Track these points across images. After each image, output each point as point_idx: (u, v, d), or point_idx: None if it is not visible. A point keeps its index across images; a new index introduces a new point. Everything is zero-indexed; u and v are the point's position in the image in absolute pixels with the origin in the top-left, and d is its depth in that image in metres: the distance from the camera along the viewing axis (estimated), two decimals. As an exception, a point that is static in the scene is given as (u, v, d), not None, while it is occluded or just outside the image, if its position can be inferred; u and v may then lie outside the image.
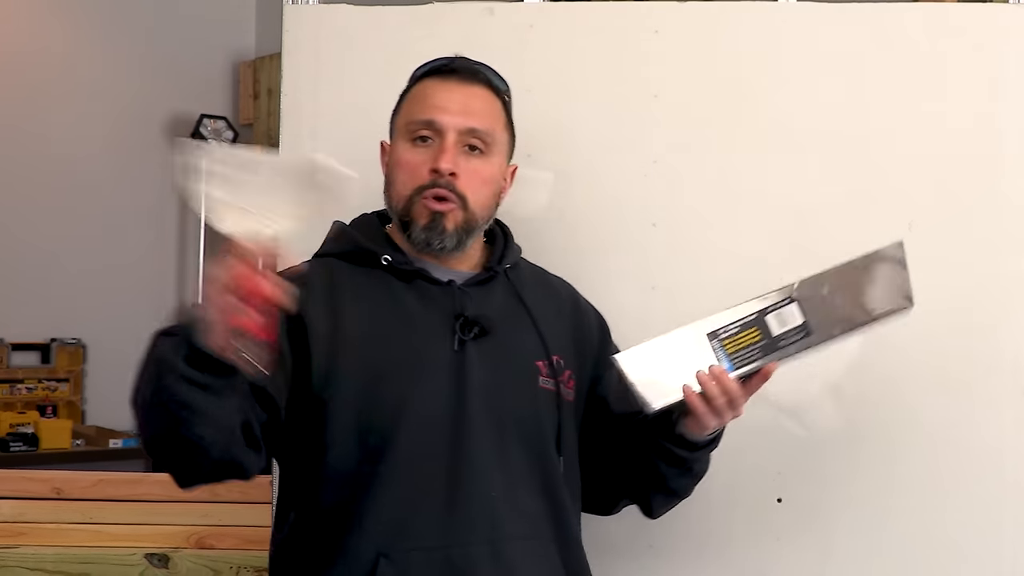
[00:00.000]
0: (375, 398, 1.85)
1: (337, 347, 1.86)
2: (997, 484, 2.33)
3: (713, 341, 1.80)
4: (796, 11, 2.46)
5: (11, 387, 5.67)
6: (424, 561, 1.82)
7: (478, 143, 1.95)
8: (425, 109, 1.96)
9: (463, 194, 1.92)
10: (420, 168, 1.93)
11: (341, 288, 1.93)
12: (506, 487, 1.86)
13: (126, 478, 2.91)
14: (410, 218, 1.93)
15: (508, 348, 1.93)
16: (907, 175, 2.39)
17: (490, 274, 1.99)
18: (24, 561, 2.67)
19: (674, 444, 1.89)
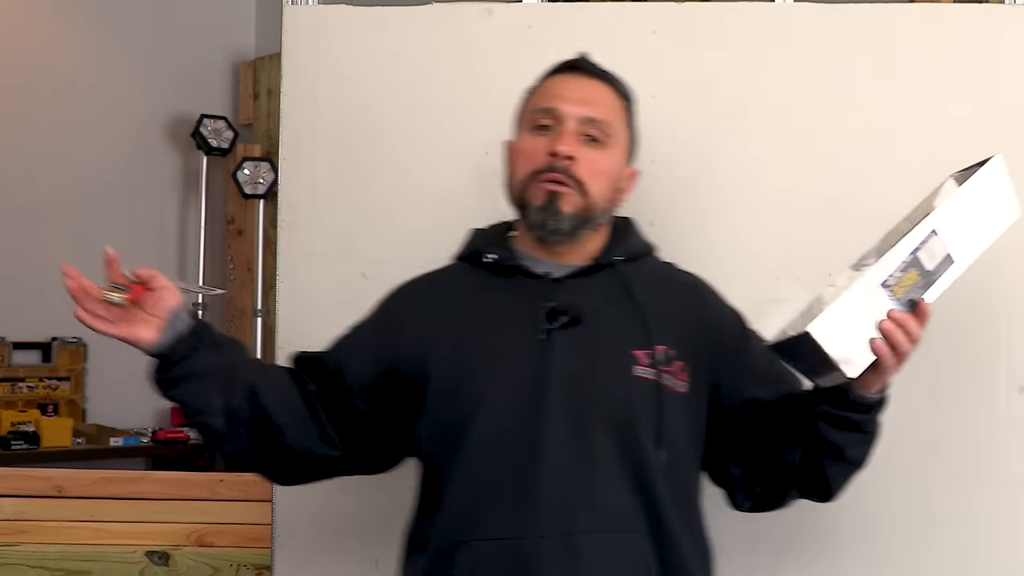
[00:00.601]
0: (456, 390, 1.90)
1: (429, 347, 1.94)
2: (992, 481, 2.34)
3: (885, 290, 1.76)
4: (793, 11, 2.46)
5: (12, 386, 5.66)
6: (496, 551, 1.83)
7: (596, 133, 1.93)
8: (546, 98, 1.97)
9: (581, 179, 1.91)
10: (538, 153, 1.93)
11: (440, 294, 2.00)
12: (586, 479, 1.84)
13: (127, 476, 2.91)
14: (526, 201, 1.93)
15: (601, 337, 1.90)
16: (904, 174, 2.39)
17: (594, 266, 1.96)
18: (26, 559, 2.68)
19: (847, 408, 1.82)
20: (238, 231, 6.28)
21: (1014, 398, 2.34)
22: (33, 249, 5.76)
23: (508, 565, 1.82)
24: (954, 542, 2.33)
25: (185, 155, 6.27)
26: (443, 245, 2.45)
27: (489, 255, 1.98)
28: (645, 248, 2.05)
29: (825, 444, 1.86)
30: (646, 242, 2.06)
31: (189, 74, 6.31)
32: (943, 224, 1.81)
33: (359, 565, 2.46)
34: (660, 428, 1.87)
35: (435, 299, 2.00)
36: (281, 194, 2.50)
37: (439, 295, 2.01)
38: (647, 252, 2.05)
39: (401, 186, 2.48)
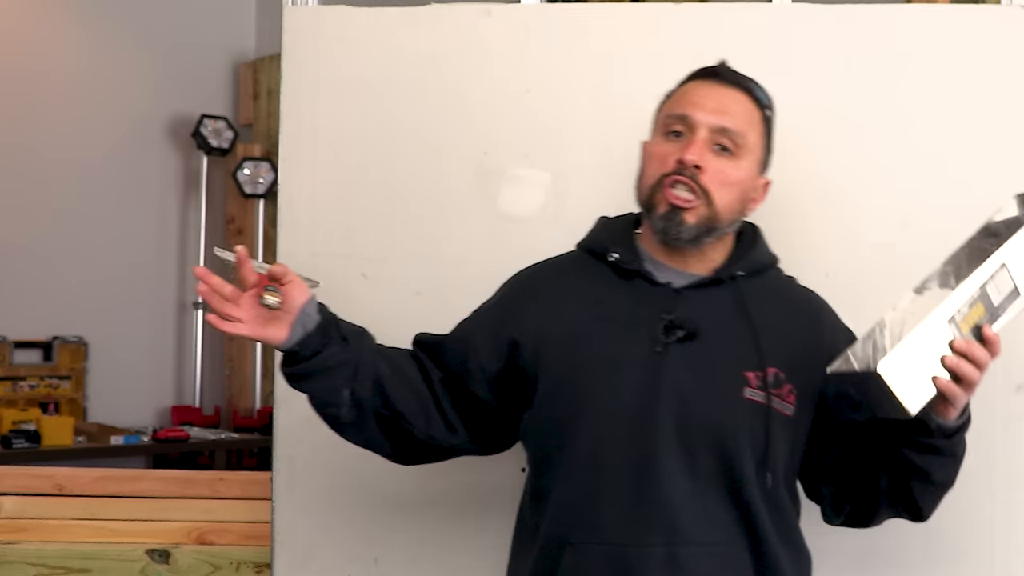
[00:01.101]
0: (568, 389, 1.91)
1: (546, 341, 1.95)
2: (987, 478, 2.34)
3: (951, 325, 1.75)
4: (790, 12, 2.46)
5: (13, 384, 5.66)
6: (602, 555, 1.85)
7: (728, 143, 1.92)
8: (680, 105, 1.96)
9: (707, 189, 1.90)
10: (667, 158, 1.92)
11: (563, 287, 2.00)
12: (692, 492, 1.85)
13: (127, 474, 2.91)
14: (652, 205, 1.93)
15: (715, 355, 1.89)
16: (900, 174, 2.39)
17: (715, 279, 1.96)
18: (26, 557, 2.68)
19: (930, 436, 1.82)
20: (238, 230, 6.28)
21: (1011, 397, 2.34)
22: (34, 248, 5.76)
23: (613, 571, 1.84)
24: (949, 540, 2.33)
25: (185, 155, 6.28)
26: (442, 245, 2.46)
27: (612, 254, 1.97)
28: (768, 261, 2.04)
29: (912, 468, 1.88)
30: (770, 254, 2.05)
31: (189, 74, 6.31)
32: (1012, 257, 1.79)
33: (359, 563, 2.46)
34: (767, 453, 1.88)
35: (555, 292, 2.00)
36: (281, 194, 2.50)
37: (559, 288, 2.00)
38: (770, 266, 2.04)
39: (401, 186, 2.48)
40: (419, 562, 2.44)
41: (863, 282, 2.31)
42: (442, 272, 2.45)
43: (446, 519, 2.43)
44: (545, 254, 2.25)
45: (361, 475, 2.44)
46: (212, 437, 5.66)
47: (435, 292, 2.45)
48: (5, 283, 5.67)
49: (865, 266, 2.37)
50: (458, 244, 2.46)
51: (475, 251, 2.45)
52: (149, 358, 6.15)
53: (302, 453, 2.47)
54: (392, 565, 2.46)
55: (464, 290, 2.43)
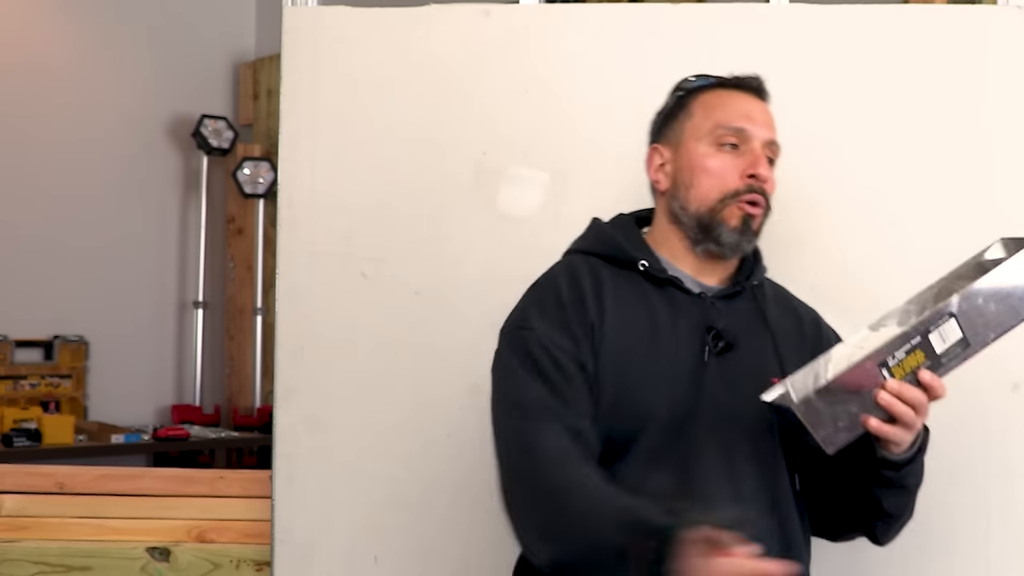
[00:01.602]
0: (624, 404, 1.87)
1: (597, 349, 1.88)
2: (983, 475, 2.34)
3: (883, 370, 1.73)
4: (788, 12, 2.46)
5: (14, 383, 5.66)
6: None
7: (773, 156, 1.98)
8: (734, 117, 1.96)
9: (768, 199, 1.95)
10: (730, 173, 1.93)
11: (605, 289, 1.94)
12: (732, 498, 1.85)
13: (128, 473, 2.91)
14: (718, 220, 1.93)
15: (748, 364, 1.91)
16: (897, 173, 2.40)
17: (737, 289, 1.98)
18: (28, 555, 2.67)
19: (878, 466, 1.84)
20: (238, 230, 6.28)
21: (1006, 395, 2.34)
22: (35, 248, 5.76)
23: None
24: (946, 537, 2.33)
25: (186, 155, 6.28)
26: (442, 244, 2.46)
27: (642, 262, 1.95)
28: (765, 270, 2.07)
29: (864, 498, 1.91)
30: (764, 264, 2.07)
31: (190, 75, 6.31)
32: (964, 308, 1.76)
33: (358, 561, 2.46)
34: (791, 454, 1.92)
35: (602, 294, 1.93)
36: (281, 193, 2.50)
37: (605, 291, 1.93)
38: (765, 274, 2.06)
39: (400, 186, 2.48)
40: (418, 560, 2.44)
41: (852, 283, 2.32)
42: (441, 271, 2.45)
43: (445, 517, 2.43)
44: (544, 253, 2.24)
45: (361, 473, 2.44)
46: (212, 436, 5.66)
47: (434, 291, 2.45)
48: (6, 282, 5.67)
49: (859, 265, 2.37)
50: (457, 243, 2.46)
51: (474, 250, 2.45)
52: (149, 357, 6.15)
53: (302, 452, 2.47)
54: (391, 563, 2.46)
55: (463, 289, 2.44)
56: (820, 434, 1.72)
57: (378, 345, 2.46)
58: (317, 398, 2.47)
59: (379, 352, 2.47)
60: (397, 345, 2.46)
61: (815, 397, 1.72)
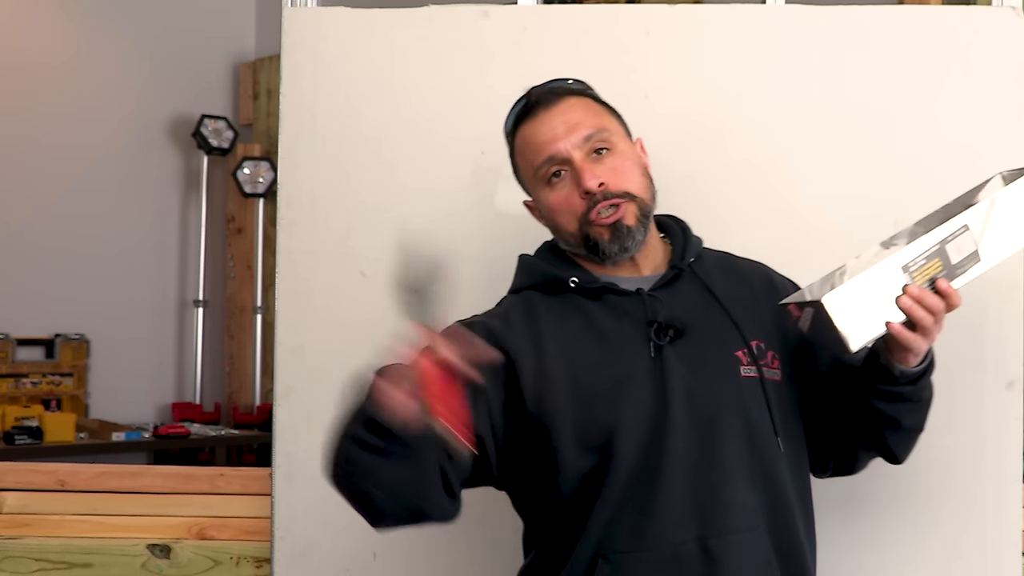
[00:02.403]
0: (588, 420, 1.87)
1: (544, 375, 1.89)
2: (978, 476, 2.34)
3: (905, 274, 1.77)
4: (784, 13, 2.46)
5: (16, 381, 5.66)
6: (636, 562, 1.84)
7: (599, 144, 1.93)
8: (538, 151, 1.95)
9: (623, 191, 1.91)
10: (571, 200, 1.92)
11: (539, 317, 1.95)
12: (718, 483, 1.84)
13: (128, 470, 2.90)
14: (593, 242, 1.92)
15: (705, 345, 1.90)
16: (893, 173, 2.40)
17: (675, 272, 1.96)
18: (29, 551, 2.67)
19: (894, 383, 1.86)
20: (238, 229, 6.28)
21: (1001, 394, 2.34)
22: (36, 247, 5.76)
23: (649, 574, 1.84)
24: (939, 537, 2.33)
25: (186, 154, 6.28)
26: (439, 244, 2.46)
27: (572, 279, 1.95)
28: (701, 243, 2.05)
29: (882, 417, 1.90)
30: (698, 238, 2.05)
31: (190, 75, 6.32)
32: (976, 221, 1.81)
33: (357, 558, 2.46)
34: (773, 420, 1.90)
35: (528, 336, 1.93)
36: (280, 193, 2.50)
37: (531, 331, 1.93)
38: (701, 246, 2.05)
39: (399, 185, 2.47)
40: (417, 557, 2.44)
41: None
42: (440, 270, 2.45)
43: (444, 514, 2.43)
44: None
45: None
46: (212, 433, 5.66)
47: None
48: (8, 281, 5.68)
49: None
50: (456, 242, 2.45)
51: (473, 249, 2.44)
52: (150, 355, 6.15)
53: (301, 449, 2.47)
54: (390, 560, 2.46)
55: (462, 288, 2.43)
56: (845, 329, 1.75)
57: (377, 343, 2.46)
58: (317, 396, 2.46)
59: (378, 349, 2.46)
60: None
61: (845, 290, 1.75)
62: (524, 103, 1.99)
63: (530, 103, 1.98)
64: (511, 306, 1.99)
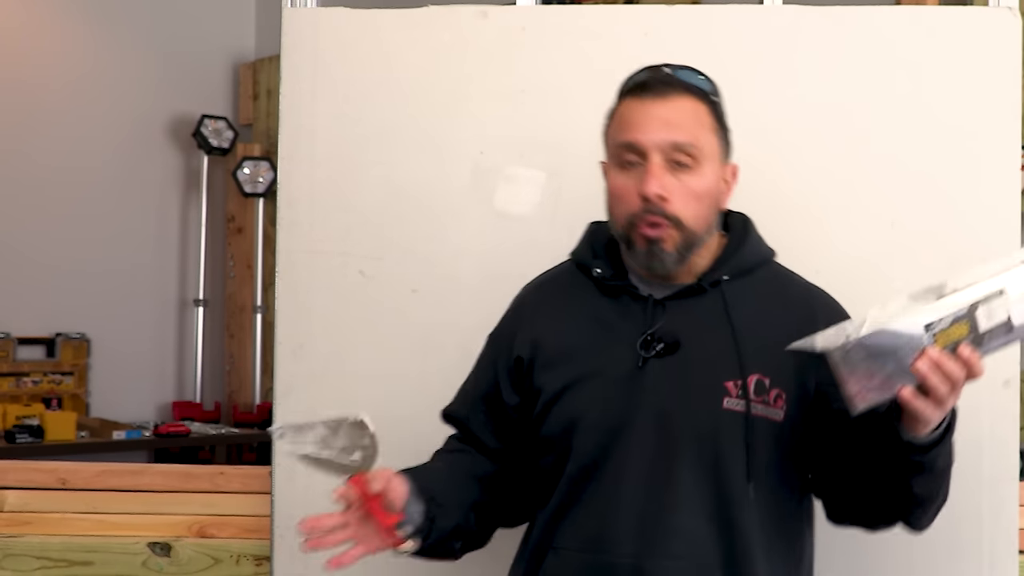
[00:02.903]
0: (558, 409, 1.89)
1: (538, 364, 1.93)
2: (975, 475, 2.34)
3: (927, 335, 1.61)
4: (781, 14, 2.46)
5: (17, 380, 5.65)
6: (578, 561, 1.85)
7: (684, 158, 1.83)
8: (625, 130, 1.86)
9: (675, 216, 1.82)
10: (629, 194, 1.84)
11: (551, 304, 1.98)
12: (664, 507, 1.81)
13: (129, 469, 2.90)
14: (631, 243, 1.87)
15: (695, 366, 1.84)
16: (890, 173, 2.39)
17: (692, 287, 1.89)
18: (30, 549, 2.67)
19: (904, 451, 1.71)
20: (238, 229, 6.27)
21: (998, 392, 2.34)
22: (38, 247, 5.76)
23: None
24: (937, 536, 2.33)
25: (186, 154, 6.27)
26: (439, 243, 2.46)
27: (596, 270, 1.94)
28: (759, 258, 1.96)
29: (897, 484, 1.77)
30: (762, 250, 1.97)
31: (190, 75, 6.31)
32: (1015, 286, 1.65)
33: (357, 556, 2.46)
34: (749, 462, 1.82)
35: (544, 308, 1.99)
36: (280, 193, 2.50)
37: (548, 304, 1.99)
38: (761, 262, 1.96)
39: (398, 185, 2.47)
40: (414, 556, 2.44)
41: (852, 280, 2.31)
42: (439, 270, 2.45)
43: (443, 512, 2.43)
44: (541, 252, 2.24)
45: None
46: (212, 432, 5.65)
47: (431, 289, 2.45)
48: (9, 281, 5.67)
49: (854, 264, 2.36)
50: (455, 242, 2.45)
51: (471, 249, 2.45)
52: (150, 354, 6.15)
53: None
54: (389, 556, 2.45)
55: (460, 287, 2.44)
56: (852, 388, 1.64)
57: (376, 342, 2.46)
58: (316, 395, 2.46)
59: (377, 349, 2.46)
60: (394, 341, 2.46)
61: (854, 346, 1.62)
62: (643, 79, 1.90)
63: (647, 83, 1.89)
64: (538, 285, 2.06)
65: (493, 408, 2.00)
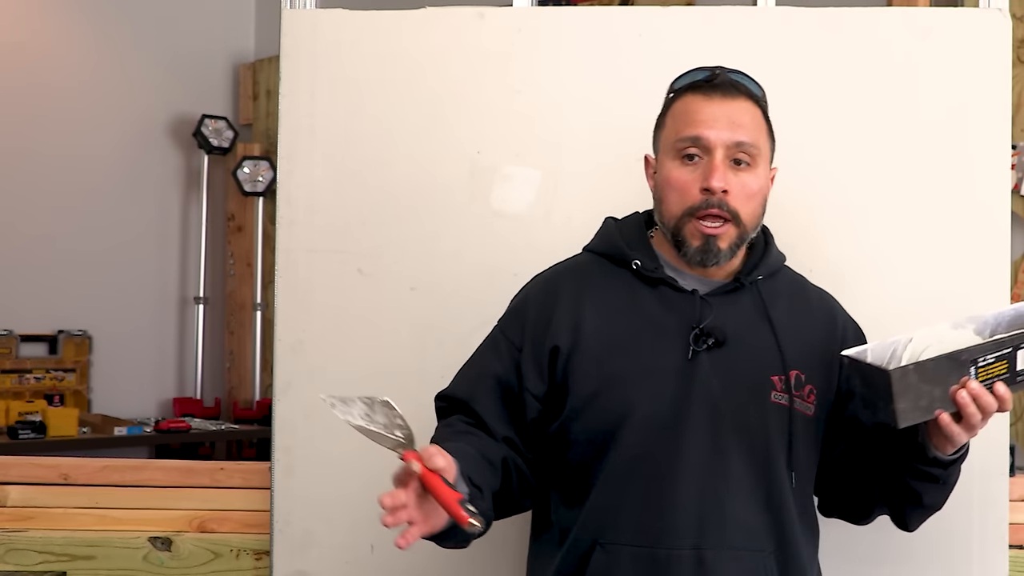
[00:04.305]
0: (605, 402, 1.87)
1: (576, 352, 1.90)
2: (966, 470, 2.33)
3: (971, 368, 1.74)
4: (775, 15, 2.46)
5: (20, 377, 5.65)
6: (631, 556, 1.84)
7: (744, 156, 1.88)
8: (691, 125, 1.89)
9: (735, 211, 1.87)
10: (690, 187, 1.88)
11: (588, 292, 1.95)
12: (722, 497, 1.84)
13: (130, 464, 2.90)
14: (682, 237, 1.89)
15: (742, 361, 1.88)
16: (882, 172, 2.39)
17: (734, 285, 1.94)
18: (33, 544, 2.67)
19: (926, 464, 1.84)
20: (238, 227, 6.27)
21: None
22: (40, 245, 5.75)
23: (640, 570, 1.83)
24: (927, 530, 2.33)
25: (187, 154, 6.26)
26: (436, 241, 2.46)
27: (635, 261, 1.94)
28: (780, 262, 2.02)
29: (906, 490, 1.90)
30: (780, 255, 2.03)
31: (191, 76, 6.30)
32: None
33: (355, 550, 2.46)
34: (791, 453, 1.88)
35: (579, 296, 1.95)
36: (280, 192, 2.50)
37: (583, 293, 1.95)
38: (781, 266, 2.02)
39: (396, 184, 2.47)
40: (414, 550, 2.43)
41: (844, 279, 2.31)
42: (436, 267, 2.45)
43: (440, 507, 2.42)
44: (536, 249, 2.24)
45: (356, 465, 2.43)
46: (213, 428, 5.65)
47: (429, 287, 2.45)
48: (12, 278, 5.66)
49: (847, 263, 2.36)
50: (452, 240, 2.45)
51: (468, 247, 2.45)
52: (152, 351, 6.14)
53: (300, 444, 2.47)
54: (387, 552, 2.45)
55: (457, 285, 2.44)
56: (900, 405, 1.72)
57: (375, 339, 2.46)
58: (315, 391, 2.45)
59: (375, 346, 2.46)
60: (393, 339, 2.45)
61: (913, 369, 1.72)
62: (707, 77, 1.93)
63: (713, 83, 1.92)
64: (562, 277, 1.99)
65: (507, 395, 1.95)
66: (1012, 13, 2.43)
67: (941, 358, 1.73)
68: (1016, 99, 3.84)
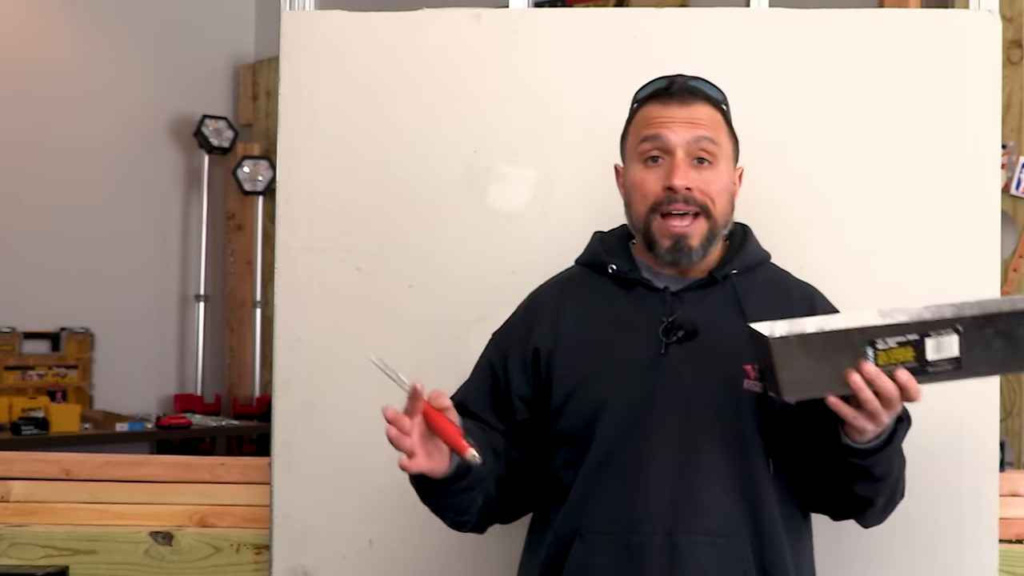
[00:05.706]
0: (583, 397, 1.91)
1: (556, 352, 1.95)
2: (956, 464, 2.34)
3: (870, 350, 1.65)
4: (768, 16, 2.46)
5: (23, 373, 5.64)
6: (607, 544, 1.86)
7: (705, 154, 1.91)
8: (650, 127, 1.93)
9: (703, 204, 1.90)
10: (653, 185, 1.92)
11: (569, 299, 2.00)
12: (695, 483, 1.84)
13: (132, 460, 2.90)
14: (652, 237, 1.93)
15: (714, 351, 1.89)
16: (873, 173, 2.39)
17: (705, 281, 1.96)
18: (35, 539, 2.67)
19: (845, 453, 1.79)
20: (238, 226, 6.27)
21: (981, 384, 2.33)
22: (42, 244, 5.75)
23: (616, 557, 1.84)
24: (918, 524, 2.33)
25: (188, 154, 6.26)
26: (434, 239, 2.46)
27: (611, 266, 1.98)
28: (760, 257, 2.04)
29: (837, 483, 1.87)
30: (761, 251, 2.05)
31: (191, 77, 6.30)
32: (969, 328, 1.67)
33: (354, 545, 2.46)
34: (766, 438, 1.88)
35: (559, 305, 2.01)
36: (279, 191, 2.49)
37: (563, 301, 2.01)
38: (763, 261, 2.04)
39: (394, 183, 2.47)
40: (411, 544, 2.43)
41: (835, 277, 2.31)
42: (433, 266, 2.45)
43: (438, 502, 2.42)
44: (532, 248, 2.24)
45: (356, 460, 2.43)
46: (213, 424, 5.65)
47: (427, 285, 2.45)
48: (15, 277, 5.66)
49: (838, 262, 2.36)
50: (449, 238, 2.45)
51: (465, 245, 2.44)
52: (153, 348, 6.14)
53: (299, 439, 2.47)
54: (386, 547, 2.45)
55: (454, 283, 2.44)
56: (783, 376, 1.66)
57: (373, 336, 2.46)
58: (314, 387, 2.46)
59: (374, 343, 2.46)
60: (391, 336, 2.45)
61: (795, 339, 1.66)
62: (664, 85, 1.97)
63: (670, 90, 1.96)
64: (553, 284, 2.07)
65: (496, 397, 2.00)
66: (1002, 14, 2.43)
67: (830, 332, 1.65)
68: (1006, 99, 3.84)
